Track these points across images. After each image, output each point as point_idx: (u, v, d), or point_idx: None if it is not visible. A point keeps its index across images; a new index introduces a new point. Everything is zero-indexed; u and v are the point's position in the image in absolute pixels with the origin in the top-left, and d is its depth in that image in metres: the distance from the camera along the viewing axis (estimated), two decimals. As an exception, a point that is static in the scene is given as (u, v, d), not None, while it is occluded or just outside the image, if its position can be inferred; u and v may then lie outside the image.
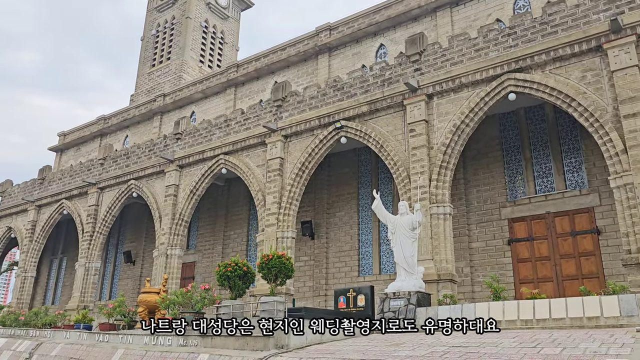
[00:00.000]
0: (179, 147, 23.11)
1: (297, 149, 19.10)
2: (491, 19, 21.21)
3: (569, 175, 16.55)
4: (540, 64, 14.58)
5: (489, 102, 15.28)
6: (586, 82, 13.82)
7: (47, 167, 31.00)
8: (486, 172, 17.86)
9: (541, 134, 17.35)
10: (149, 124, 34.21)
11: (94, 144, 36.94)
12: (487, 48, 15.72)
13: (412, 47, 17.20)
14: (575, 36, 14.03)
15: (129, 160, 25.36)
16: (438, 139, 15.80)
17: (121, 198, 25.14)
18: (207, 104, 31.39)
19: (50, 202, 28.73)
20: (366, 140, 17.46)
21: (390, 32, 24.47)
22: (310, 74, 26.69)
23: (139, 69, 42.61)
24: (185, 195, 22.07)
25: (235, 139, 20.88)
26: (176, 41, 40.71)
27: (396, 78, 17.33)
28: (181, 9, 41.58)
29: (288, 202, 18.56)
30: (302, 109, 19.38)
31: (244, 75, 29.25)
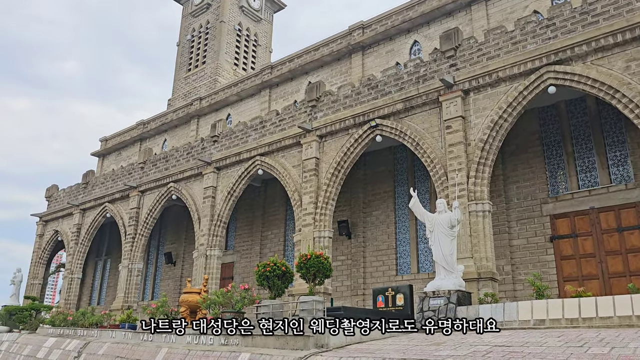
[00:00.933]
0: (216, 149, 23.47)
1: (333, 148, 19.11)
2: (528, 10, 20.70)
3: (614, 169, 16.00)
4: (581, 55, 14.15)
5: (528, 96, 14.92)
6: (630, 72, 13.33)
7: (91, 171, 31.99)
8: (526, 168, 17.46)
9: (583, 128, 16.84)
10: (186, 128, 34.87)
11: (134, 148, 37.91)
12: (524, 41, 15.36)
13: (446, 43, 16.96)
14: (618, 25, 13.55)
15: (167, 163, 25.92)
16: (475, 135, 15.53)
17: (161, 200, 25.72)
18: (242, 106, 31.77)
19: (94, 205, 29.64)
20: (402, 138, 17.33)
21: (424, 29, 24.20)
22: (344, 73, 26.67)
23: (176, 74, 43.47)
24: (223, 196, 22.40)
25: (270, 140, 21.06)
26: (211, 45, 41.36)
27: (431, 74, 17.13)
28: (215, 13, 42.20)
29: (324, 201, 18.60)
30: (337, 108, 19.38)
31: (278, 76, 29.45)
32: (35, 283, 32.49)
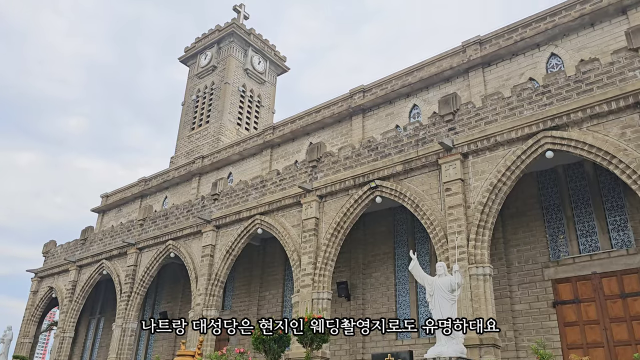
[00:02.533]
0: (216, 207, 23.51)
1: (332, 208, 19.14)
2: (524, 77, 21.32)
3: (614, 234, 15.95)
4: (577, 122, 14.44)
5: (526, 161, 15.10)
6: (626, 138, 13.56)
7: (90, 228, 31.89)
8: (526, 231, 17.41)
9: (582, 192, 16.93)
10: (187, 185, 35.07)
11: (135, 205, 37.97)
12: (521, 107, 15.72)
13: (445, 107, 17.36)
14: (612, 93, 13.91)
15: (167, 220, 25.88)
16: (475, 198, 15.60)
17: (159, 258, 25.48)
18: (243, 165, 32.10)
19: (91, 262, 29.34)
20: (401, 199, 17.39)
21: (423, 93, 24.83)
22: (344, 135, 27.12)
23: (179, 132, 44.22)
24: (222, 255, 22.21)
25: (271, 199, 21.13)
26: (215, 105, 42.31)
27: (430, 137, 17.42)
28: (220, 75, 43.45)
29: (323, 262, 18.43)
30: (337, 169, 19.57)
31: (280, 136, 29.94)
32: (25, 342, 31.63)
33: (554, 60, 21.20)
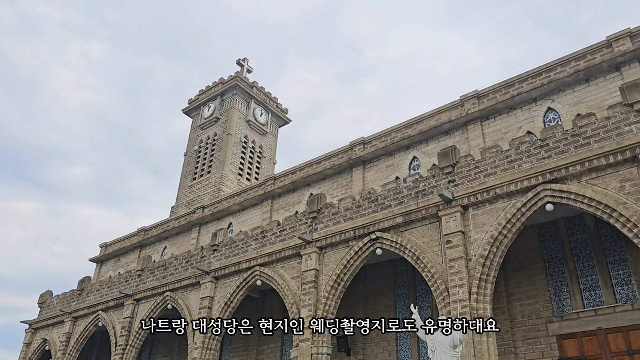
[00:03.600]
0: (216, 258, 23.31)
1: (333, 260, 18.98)
2: (522, 131, 21.63)
3: (619, 289, 15.73)
4: (576, 175, 14.52)
5: (527, 213, 15.08)
6: (625, 192, 13.60)
7: (87, 278, 31.51)
8: (529, 285, 17.18)
9: (584, 245, 16.82)
10: (187, 236, 34.93)
11: (134, 255, 37.69)
12: (520, 160, 15.86)
13: (445, 160, 17.52)
14: (609, 147, 14.06)
15: (166, 271, 25.61)
16: (476, 251, 15.48)
17: (156, 310, 25.03)
18: (244, 215, 32.09)
19: (87, 313, 28.81)
20: (402, 252, 17.26)
21: (422, 145, 25.13)
22: (345, 186, 27.24)
23: (181, 182, 44.48)
24: (220, 307, 21.84)
25: (270, 250, 20.99)
26: (217, 156, 42.75)
27: (430, 190, 17.48)
28: (223, 127, 44.13)
29: (323, 315, 18.09)
30: (338, 220, 19.54)
31: (281, 187, 30.07)
32: (15, 397, 30.62)
33: (551, 115, 21.57)
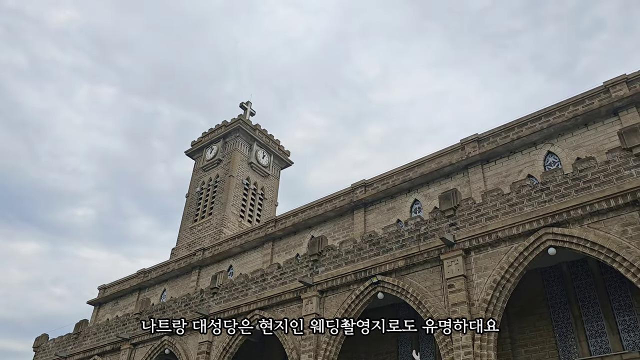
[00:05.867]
0: (215, 301, 22.99)
1: (333, 304, 18.70)
2: (522, 174, 21.71)
3: (625, 335, 15.40)
4: (577, 219, 14.47)
5: (529, 257, 14.95)
6: (628, 236, 13.52)
7: (84, 321, 30.99)
8: (533, 331, 16.84)
9: (588, 290, 16.59)
10: (187, 278, 34.57)
11: (132, 297, 37.20)
12: (521, 203, 15.85)
13: (446, 203, 17.51)
14: (610, 191, 14.07)
15: (164, 315, 25.21)
16: (478, 295, 15.26)
17: (153, 355, 24.49)
18: (245, 257, 31.85)
19: (82, 358, 28.18)
20: (403, 295, 17.02)
21: (423, 188, 25.17)
22: (346, 229, 27.14)
23: (182, 224, 44.38)
24: (218, 352, 21.38)
25: (271, 293, 20.72)
26: (219, 197, 42.81)
27: (432, 233, 17.40)
28: (225, 169, 44.40)
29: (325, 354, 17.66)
30: (338, 263, 19.37)
31: (282, 230, 29.96)
32: None
33: (551, 158, 21.70)
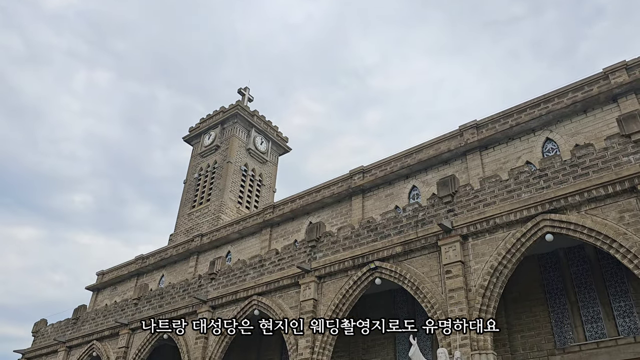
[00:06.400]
0: (213, 287, 23.07)
1: (331, 290, 18.77)
2: (521, 161, 21.69)
3: (620, 320, 15.51)
4: (575, 205, 14.49)
5: (526, 243, 14.99)
6: (625, 222, 13.55)
7: (82, 306, 31.11)
8: (530, 316, 16.95)
9: (584, 276, 16.67)
10: (185, 264, 34.65)
11: (130, 283, 37.32)
12: (519, 189, 15.85)
13: (444, 189, 17.50)
14: (607, 177, 14.07)
15: (162, 300, 25.30)
16: (476, 281, 15.32)
17: (152, 340, 24.62)
18: (242, 243, 31.90)
19: (81, 343, 28.35)
20: (401, 281, 17.09)
21: (422, 175, 25.15)
22: (344, 215, 27.16)
23: (180, 210, 44.37)
24: (217, 337, 21.50)
25: (268, 279, 20.78)
26: (216, 183, 42.76)
27: (429, 219, 17.42)
28: (223, 155, 44.29)
29: (321, 346, 17.78)
30: (336, 249, 19.41)
31: (280, 216, 29.97)
32: None
33: (550, 145, 21.67)
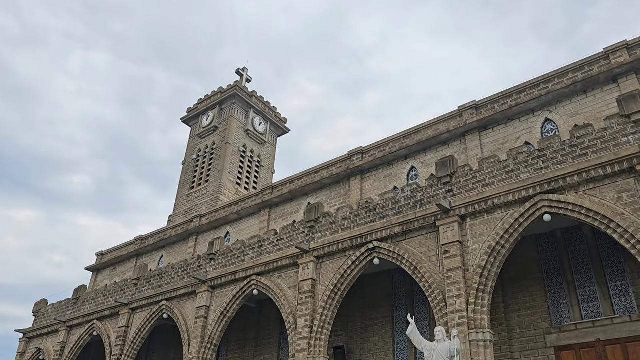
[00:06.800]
0: (212, 267, 23.19)
1: (330, 270, 18.88)
2: (520, 142, 21.65)
3: (616, 300, 15.64)
4: (573, 185, 14.51)
5: (524, 223, 15.05)
6: (623, 203, 13.58)
7: (82, 287, 31.30)
8: (527, 296, 17.08)
9: (582, 256, 16.76)
10: (184, 244, 34.78)
11: (130, 263, 37.50)
12: (517, 170, 15.86)
13: (442, 170, 17.50)
14: (606, 158, 14.06)
15: (162, 280, 25.46)
16: (473, 261, 15.42)
17: (152, 319, 24.84)
18: (241, 224, 31.98)
19: (82, 322, 28.58)
20: (399, 261, 17.19)
21: (420, 155, 25.13)
22: (342, 196, 27.19)
23: (179, 191, 44.39)
24: (216, 317, 21.68)
25: (267, 259, 20.89)
26: (215, 165, 42.71)
27: (428, 199, 17.45)
28: (221, 136, 44.14)
29: (320, 325, 17.96)
30: (335, 230, 19.47)
31: (278, 197, 30.00)
32: (8, 407, 30.27)
33: (549, 125, 21.61)
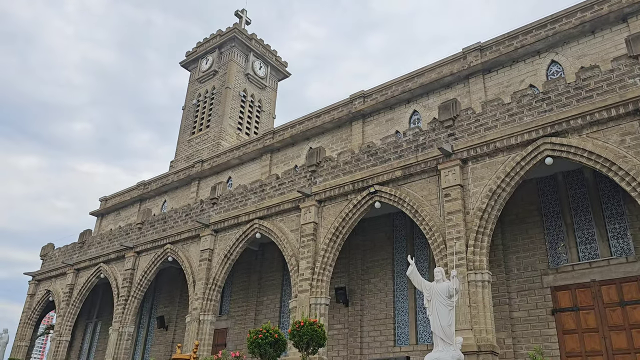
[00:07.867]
0: (215, 211, 23.44)
1: (331, 213, 19.07)
2: (524, 84, 21.31)
3: (614, 242, 15.87)
4: (576, 128, 14.40)
5: (525, 167, 15.05)
6: (626, 145, 13.51)
7: (88, 231, 31.80)
8: (525, 238, 17.33)
9: (582, 199, 16.86)
10: (186, 189, 35.00)
11: (134, 208, 37.89)
12: (521, 113, 15.70)
13: (445, 113, 17.33)
14: (612, 100, 13.88)
15: (165, 224, 25.80)
16: (474, 204, 15.53)
17: (157, 262, 25.38)
18: (243, 169, 32.05)
19: (89, 265, 29.23)
20: (400, 205, 17.32)
21: (423, 99, 24.81)
22: (344, 140, 27.08)
23: (180, 137, 44.23)
24: (220, 259, 22.12)
25: (269, 203, 21.07)
26: (215, 110, 42.32)
27: (430, 143, 17.38)
28: (221, 80, 43.49)
29: (322, 267, 18.34)
30: (336, 174, 19.52)
31: (280, 141, 29.90)
32: (22, 345, 31.45)
33: (554, 67, 21.19)
